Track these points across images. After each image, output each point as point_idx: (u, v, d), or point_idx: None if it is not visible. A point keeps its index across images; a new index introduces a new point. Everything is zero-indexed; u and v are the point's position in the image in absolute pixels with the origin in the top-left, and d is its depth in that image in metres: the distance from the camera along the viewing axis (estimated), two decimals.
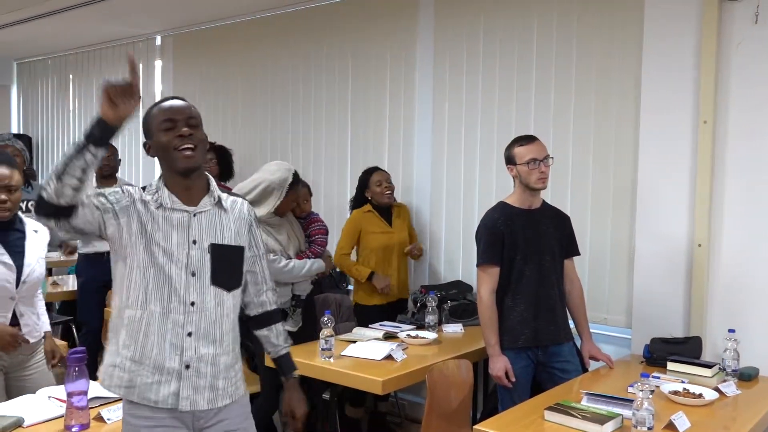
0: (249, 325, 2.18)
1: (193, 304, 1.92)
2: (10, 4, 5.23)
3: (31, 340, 2.73)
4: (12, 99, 7.98)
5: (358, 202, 4.28)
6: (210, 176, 2.05)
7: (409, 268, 4.54)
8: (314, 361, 3.09)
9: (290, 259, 3.55)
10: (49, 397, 2.47)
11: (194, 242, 1.93)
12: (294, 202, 3.68)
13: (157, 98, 6.28)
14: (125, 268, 1.91)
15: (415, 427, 4.32)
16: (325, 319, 3.15)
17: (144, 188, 1.98)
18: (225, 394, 1.99)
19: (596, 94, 3.76)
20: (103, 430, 2.25)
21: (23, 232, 2.72)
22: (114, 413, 2.32)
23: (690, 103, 3.30)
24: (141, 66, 6.40)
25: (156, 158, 1.96)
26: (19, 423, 2.24)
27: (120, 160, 4.97)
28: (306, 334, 3.51)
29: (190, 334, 1.92)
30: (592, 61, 3.77)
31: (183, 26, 5.93)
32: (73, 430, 2.21)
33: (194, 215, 1.95)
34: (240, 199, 2.10)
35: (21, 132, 7.79)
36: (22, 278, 2.66)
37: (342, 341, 3.37)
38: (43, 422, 2.28)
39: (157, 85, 6.30)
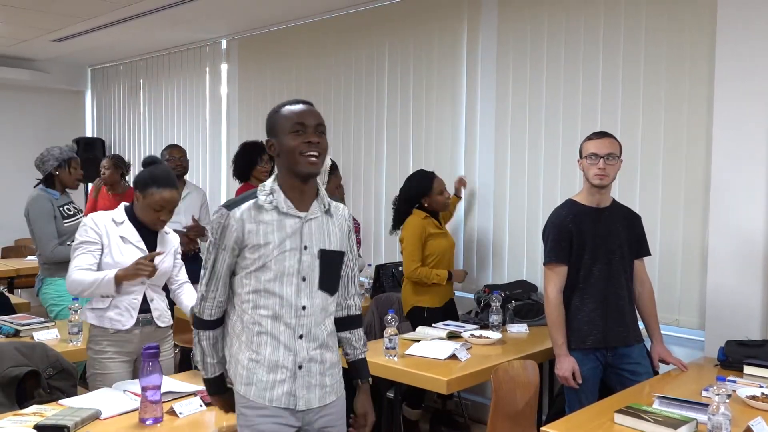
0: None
1: (304, 308, 2.00)
2: (85, 13, 5.45)
3: (161, 325, 2.94)
4: (86, 104, 8.32)
5: (410, 204, 4.07)
6: (318, 181, 2.10)
7: (472, 267, 4.52)
8: (378, 359, 3.10)
9: None
10: (125, 390, 2.57)
11: (305, 248, 2.00)
12: (336, 191, 3.63)
13: (224, 101, 6.44)
14: (245, 272, 1.99)
15: (479, 428, 4.29)
16: (389, 317, 3.16)
17: (252, 194, 2.01)
18: (332, 391, 2.09)
19: (666, 86, 3.65)
20: (175, 424, 2.32)
21: (155, 232, 2.97)
22: (186, 407, 2.40)
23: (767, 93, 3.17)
24: (207, 70, 6.57)
25: (276, 157, 2.03)
26: (96, 415, 2.33)
27: (188, 160, 5.12)
28: (369, 332, 3.52)
29: (301, 337, 2.01)
30: (661, 51, 3.66)
31: (248, 30, 6.05)
32: (147, 423, 2.28)
33: (306, 221, 2.01)
34: (341, 205, 2.16)
35: (95, 135, 8.11)
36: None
37: (405, 340, 3.37)
38: (119, 415, 2.36)
39: (223, 88, 6.45)
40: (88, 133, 8.22)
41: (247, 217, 1.97)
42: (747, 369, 2.88)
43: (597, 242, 2.95)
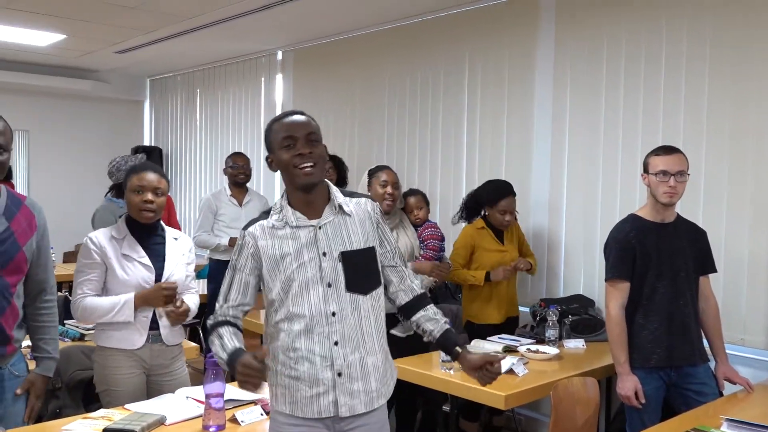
0: (404, 314, 2.16)
1: (334, 314, 1.98)
2: (148, 27, 5.61)
3: (170, 344, 2.81)
4: (145, 113, 8.55)
5: (470, 212, 4.09)
6: (330, 184, 2.09)
7: (526, 279, 4.46)
8: (434, 372, 3.09)
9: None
10: (187, 397, 2.61)
11: (324, 254, 1.98)
12: (384, 188, 3.67)
13: (278, 112, 6.53)
14: (271, 295, 2.02)
15: None
16: None
17: (268, 211, 2.05)
18: (379, 395, 2.04)
19: (732, 98, 3.56)
20: None
21: (163, 238, 2.86)
22: (247, 416, 2.43)
23: None
24: (263, 80, 6.68)
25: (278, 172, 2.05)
26: (162, 421, 2.38)
27: (251, 168, 5.20)
28: (422, 344, 3.50)
29: (336, 343, 1.98)
30: (726, 62, 3.57)
31: (303, 41, 6.13)
32: (211, 430, 2.32)
33: (319, 228, 2.00)
34: (364, 199, 2.11)
35: (153, 144, 8.31)
36: (162, 281, 2.77)
37: None
38: (183, 421, 2.41)
39: (278, 98, 6.54)
40: (147, 142, 8.43)
41: (260, 234, 2.01)
42: None
43: (662, 258, 2.88)
